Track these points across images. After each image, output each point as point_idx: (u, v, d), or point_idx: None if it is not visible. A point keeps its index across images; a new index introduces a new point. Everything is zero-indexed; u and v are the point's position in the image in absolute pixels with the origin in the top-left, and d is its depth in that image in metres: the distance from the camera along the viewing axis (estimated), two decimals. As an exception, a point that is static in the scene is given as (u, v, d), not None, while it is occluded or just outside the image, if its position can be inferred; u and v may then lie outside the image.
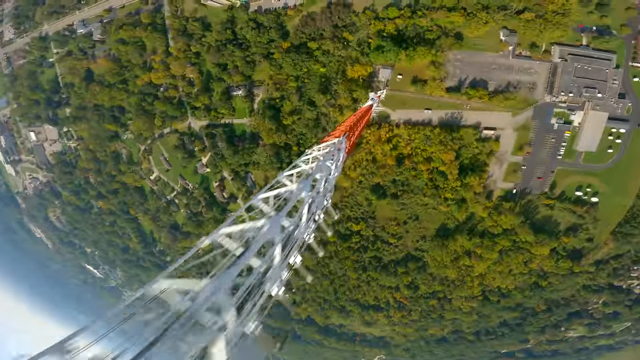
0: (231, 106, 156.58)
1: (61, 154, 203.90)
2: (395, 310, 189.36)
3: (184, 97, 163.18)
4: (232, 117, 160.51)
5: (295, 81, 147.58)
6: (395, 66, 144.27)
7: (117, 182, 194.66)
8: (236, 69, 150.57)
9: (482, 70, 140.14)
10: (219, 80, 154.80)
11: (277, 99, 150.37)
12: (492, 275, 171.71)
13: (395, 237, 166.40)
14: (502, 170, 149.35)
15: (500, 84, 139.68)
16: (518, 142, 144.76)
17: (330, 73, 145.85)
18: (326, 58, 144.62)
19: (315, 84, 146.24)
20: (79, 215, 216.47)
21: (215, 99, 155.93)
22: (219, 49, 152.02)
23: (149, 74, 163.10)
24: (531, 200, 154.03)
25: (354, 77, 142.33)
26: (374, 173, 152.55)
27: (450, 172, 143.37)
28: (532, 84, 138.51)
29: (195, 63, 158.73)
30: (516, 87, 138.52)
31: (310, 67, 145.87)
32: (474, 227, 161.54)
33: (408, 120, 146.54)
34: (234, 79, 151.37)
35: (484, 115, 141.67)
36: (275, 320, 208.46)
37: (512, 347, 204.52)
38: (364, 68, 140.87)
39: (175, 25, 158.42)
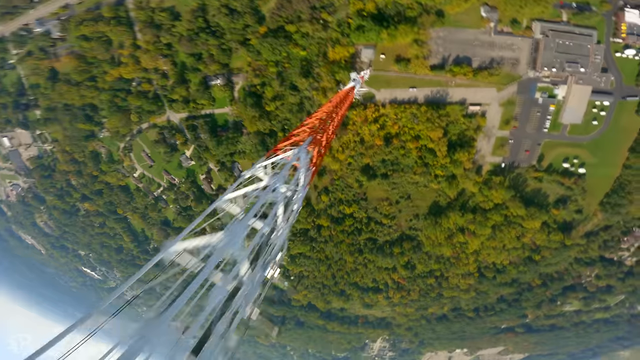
0: (210, 96, 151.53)
1: (38, 157, 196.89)
2: (394, 291, 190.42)
3: (159, 90, 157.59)
4: (213, 107, 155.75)
5: (275, 66, 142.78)
6: (377, 46, 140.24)
7: (99, 182, 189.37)
8: (212, 57, 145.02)
9: (465, 47, 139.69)
10: (194, 71, 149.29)
11: (257, 86, 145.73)
12: (487, 252, 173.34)
13: (388, 218, 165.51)
14: (490, 145, 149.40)
15: (483, 60, 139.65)
16: (504, 116, 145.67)
17: (311, 56, 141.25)
18: (306, 41, 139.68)
19: (296, 68, 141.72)
20: (67, 219, 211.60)
21: (193, 90, 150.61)
22: (191, 38, 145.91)
23: (118, 69, 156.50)
24: (520, 174, 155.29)
25: (336, 59, 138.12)
26: (363, 154, 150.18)
27: (439, 149, 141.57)
28: (515, 59, 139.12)
29: (168, 54, 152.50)
30: (499, 63, 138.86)
31: (290, 51, 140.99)
32: (465, 203, 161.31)
33: (394, 99, 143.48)
34: (211, 68, 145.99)
35: (469, 91, 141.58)
36: (277, 309, 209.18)
37: (511, 323, 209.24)
38: (346, 49, 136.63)
39: (141, 17, 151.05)
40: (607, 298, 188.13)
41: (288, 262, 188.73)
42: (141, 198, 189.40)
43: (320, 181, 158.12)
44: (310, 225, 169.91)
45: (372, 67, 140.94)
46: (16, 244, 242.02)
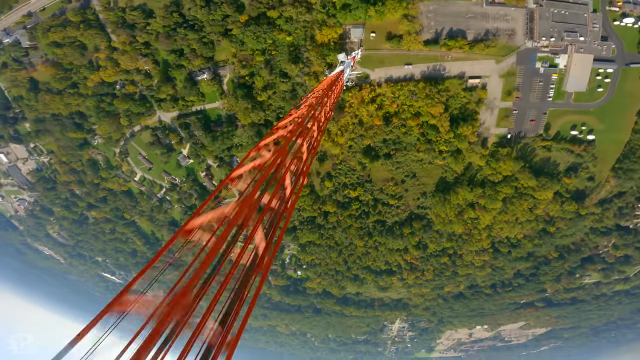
0: (199, 92, 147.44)
1: (37, 171, 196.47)
2: (408, 273, 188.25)
3: (144, 91, 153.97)
4: (203, 102, 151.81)
5: (262, 55, 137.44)
6: (366, 24, 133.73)
7: (102, 189, 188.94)
8: (194, 52, 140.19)
9: (458, 20, 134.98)
10: (178, 68, 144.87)
11: (246, 77, 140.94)
12: (500, 226, 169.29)
13: (395, 198, 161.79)
14: (494, 116, 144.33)
15: (478, 33, 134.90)
16: (506, 88, 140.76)
17: (298, 41, 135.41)
18: (290, 25, 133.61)
19: (284, 54, 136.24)
20: (78, 228, 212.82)
21: (179, 87, 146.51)
22: (169, 35, 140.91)
23: (97, 73, 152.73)
24: (527, 144, 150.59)
25: (325, 41, 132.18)
26: (363, 135, 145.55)
27: (442, 124, 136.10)
28: (511, 30, 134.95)
29: (147, 54, 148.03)
30: (495, 34, 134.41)
31: (275, 38, 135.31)
32: (473, 177, 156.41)
33: (389, 78, 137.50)
34: (194, 63, 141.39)
35: (467, 64, 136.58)
36: (294, 298, 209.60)
37: (530, 297, 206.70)
38: (333, 30, 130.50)
39: (111, 19, 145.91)
40: (626, 269, 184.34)
41: (299, 252, 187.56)
42: (145, 201, 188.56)
43: (322, 167, 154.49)
44: (316, 213, 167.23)
45: (363, 46, 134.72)
46: (35, 256, 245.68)
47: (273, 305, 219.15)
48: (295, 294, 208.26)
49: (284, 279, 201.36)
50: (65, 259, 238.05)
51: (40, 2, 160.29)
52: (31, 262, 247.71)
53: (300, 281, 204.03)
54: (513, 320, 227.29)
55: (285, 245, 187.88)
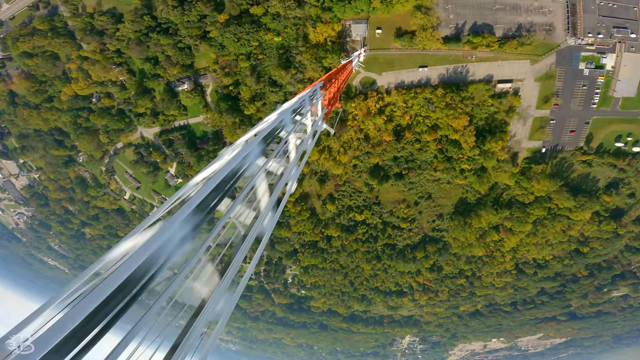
0: (179, 105, 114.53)
1: (30, 187, 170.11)
2: (420, 294, 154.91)
3: (121, 104, 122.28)
4: (186, 117, 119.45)
5: (247, 60, 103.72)
6: (370, 19, 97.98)
7: (93, 207, 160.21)
8: (169, 60, 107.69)
9: (483, 13, 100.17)
10: (154, 78, 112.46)
11: (230, 86, 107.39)
12: (526, 248, 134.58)
13: (407, 221, 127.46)
14: (527, 128, 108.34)
15: (509, 28, 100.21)
16: (542, 93, 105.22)
17: (289, 41, 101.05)
18: (278, 24, 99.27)
19: (272, 58, 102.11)
20: (76, 243, 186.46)
21: (158, 100, 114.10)
22: (140, 40, 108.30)
23: (70, 86, 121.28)
24: (565, 158, 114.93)
25: (320, 41, 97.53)
26: (370, 153, 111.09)
27: (465, 140, 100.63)
28: (549, 25, 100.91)
29: (121, 63, 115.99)
30: (529, 30, 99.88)
31: (262, 39, 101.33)
32: (499, 198, 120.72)
33: (400, 83, 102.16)
34: (170, 72, 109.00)
35: (495, 66, 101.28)
36: (298, 315, 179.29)
37: (553, 313, 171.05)
38: (330, 27, 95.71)
39: (79, 25, 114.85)
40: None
41: (301, 273, 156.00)
42: (138, 220, 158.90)
43: (323, 188, 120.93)
44: (318, 237, 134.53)
45: (367, 46, 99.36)
46: (41, 266, 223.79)
47: (277, 320, 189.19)
48: (300, 311, 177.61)
49: (287, 298, 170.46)
50: (69, 270, 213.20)
51: (10, 10, 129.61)
52: (38, 271, 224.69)
53: (305, 299, 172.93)
54: (532, 333, 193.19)
55: (287, 266, 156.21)
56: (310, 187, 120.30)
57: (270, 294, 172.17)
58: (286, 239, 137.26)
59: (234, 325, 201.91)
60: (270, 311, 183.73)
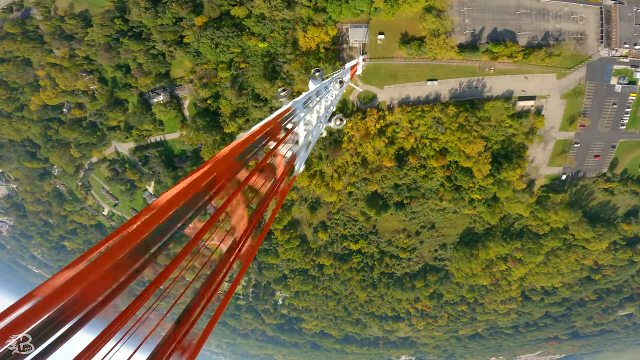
0: (154, 119, 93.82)
1: (9, 197, 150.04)
2: (417, 319, 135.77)
3: (93, 116, 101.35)
4: (162, 132, 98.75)
5: (228, 69, 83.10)
6: (371, 22, 77.35)
7: (70, 222, 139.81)
8: (140, 68, 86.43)
9: (504, 18, 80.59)
10: (125, 88, 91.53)
11: (208, 100, 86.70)
12: (535, 277, 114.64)
13: (406, 251, 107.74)
14: (547, 152, 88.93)
15: (534, 36, 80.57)
16: (568, 112, 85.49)
17: (275, 48, 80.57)
18: (263, 27, 78.97)
19: (256, 68, 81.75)
20: (57, 254, 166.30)
21: (130, 112, 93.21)
22: (110, 46, 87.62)
23: (38, 94, 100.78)
24: (585, 186, 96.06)
25: (311, 48, 77.12)
26: (368, 180, 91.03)
27: (479, 168, 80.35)
28: (580, 33, 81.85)
29: (92, 70, 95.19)
30: (558, 38, 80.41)
31: (244, 45, 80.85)
32: (509, 227, 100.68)
33: (405, 99, 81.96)
34: (142, 82, 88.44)
35: (516, 80, 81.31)
36: (290, 335, 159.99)
37: (555, 333, 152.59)
38: (323, 31, 75.50)
39: (48, 29, 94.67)
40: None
41: (291, 297, 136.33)
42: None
43: (314, 216, 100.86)
44: (309, 265, 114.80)
45: (367, 54, 79.03)
46: (26, 274, 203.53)
47: (268, 338, 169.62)
48: (291, 332, 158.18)
49: (277, 319, 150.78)
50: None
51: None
52: (23, 277, 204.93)
53: (296, 320, 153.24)
54: (531, 352, 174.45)
55: (277, 290, 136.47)
56: (300, 213, 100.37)
57: (260, 314, 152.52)
58: (274, 266, 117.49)
59: (224, 340, 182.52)
60: (260, 329, 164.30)
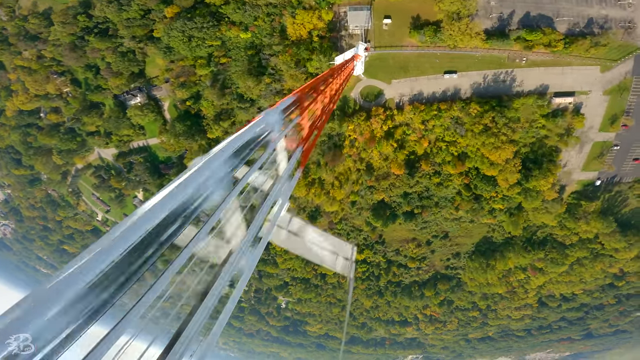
0: (130, 123, 79.11)
1: (6, 202, 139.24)
2: (426, 324, 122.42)
3: (70, 121, 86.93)
4: (144, 137, 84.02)
5: (207, 65, 66.95)
6: (374, 3, 60.19)
7: (66, 227, 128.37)
8: (109, 68, 70.97)
9: (539, 1, 63.91)
10: (97, 90, 76.44)
11: (188, 101, 71.16)
12: (555, 286, 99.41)
13: (415, 260, 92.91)
14: (582, 156, 72.68)
15: (575, 23, 63.54)
16: (610, 111, 68.72)
17: (260, 38, 64.31)
18: (244, 14, 62.57)
19: (240, 62, 65.78)
20: (59, 257, 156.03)
21: (106, 116, 78.46)
22: (75, 45, 72.29)
23: (12, 99, 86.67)
24: (620, 192, 77.96)
25: (302, 36, 60.63)
26: (373, 188, 75.72)
27: (505, 178, 63.69)
28: (629, 21, 65.22)
29: (63, 72, 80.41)
30: (603, 26, 63.77)
31: (224, 37, 64.57)
32: (532, 236, 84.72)
33: (417, 95, 65.39)
34: (112, 83, 72.92)
35: (552, 73, 63.98)
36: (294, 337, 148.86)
37: (568, 335, 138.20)
38: (316, 15, 58.38)
39: (13, 29, 79.75)
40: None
41: (294, 302, 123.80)
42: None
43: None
44: (310, 275, 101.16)
45: (370, 42, 62.14)
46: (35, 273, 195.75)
47: (273, 338, 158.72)
48: (296, 333, 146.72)
49: (281, 321, 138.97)
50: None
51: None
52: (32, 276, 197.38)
53: (300, 322, 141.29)
54: (541, 350, 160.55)
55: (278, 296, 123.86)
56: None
57: (263, 316, 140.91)
58: (274, 274, 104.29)
59: (230, 338, 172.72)
60: (264, 330, 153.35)
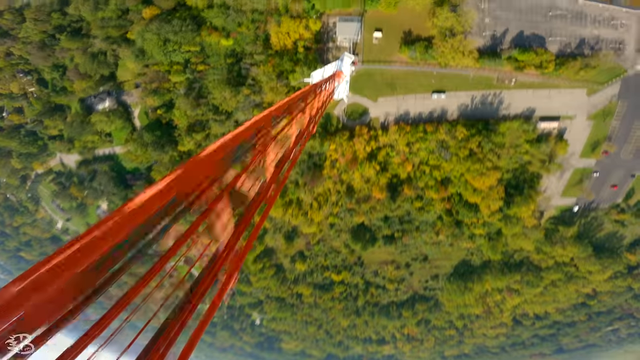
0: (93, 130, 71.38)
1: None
2: (403, 343, 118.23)
3: (31, 123, 78.10)
4: (110, 144, 76.24)
5: (183, 72, 60.98)
6: (366, 15, 56.55)
7: (24, 234, 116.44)
8: (76, 69, 63.73)
9: (534, 20, 62.77)
10: (62, 92, 68.65)
11: (159, 109, 64.62)
12: (530, 306, 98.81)
13: (394, 282, 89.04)
14: (562, 182, 72.82)
15: (567, 43, 62.68)
16: (593, 136, 68.07)
17: (242, 45, 59.00)
18: (227, 19, 57.34)
19: (218, 71, 60.05)
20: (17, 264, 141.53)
21: (69, 120, 70.50)
22: (44, 43, 64.79)
23: None
24: (596, 217, 77.67)
25: (287, 47, 56.15)
26: (353, 210, 71.20)
27: (488, 205, 60.93)
28: (620, 42, 64.88)
29: (30, 71, 72.05)
30: (594, 47, 63.12)
31: (204, 42, 58.98)
32: (509, 259, 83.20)
33: (403, 115, 62.22)
34: (77, 86, 65.71)
35: (540, 96, 62.42)
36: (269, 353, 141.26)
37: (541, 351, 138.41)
38: (303, 24, 54.01)
39: None
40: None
41: (268, 320, 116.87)
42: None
43: (290, 246, 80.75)
44: (286, 294, 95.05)
45: (358, 55, 58.42)
46: None
47: (247, 354, 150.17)
48: (270, 350, 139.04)
49: (255, 337, 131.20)
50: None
51: None
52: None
53: (275, 339, 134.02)
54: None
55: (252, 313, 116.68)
56: (276, 242, 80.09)
57: (237, 332, 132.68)
58: (248, 293, 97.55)
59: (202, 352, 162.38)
60: (238, 345, 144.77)
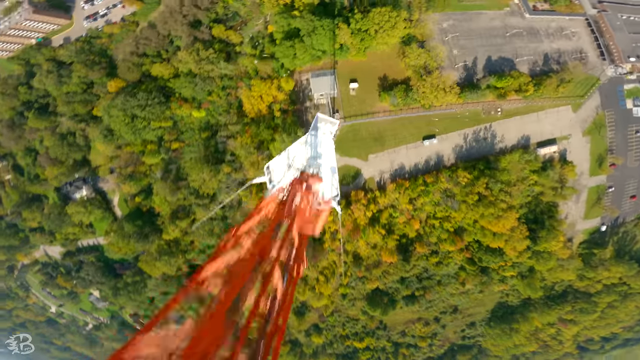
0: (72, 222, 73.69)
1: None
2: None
3: (10, 214, 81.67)
4: (93, 235, 78.59)
5: (157, 152, 62.95)
6: (337, 66, 57.39)
7: (17, 316, 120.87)
8: (47, 154, 66.83)
9: (495, 43, 65.30)
10: (36, 181, 71.85)
11: (137, 197, 66.33)
12: (592, 331, 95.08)
13: (426, 339, 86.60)
14: (581, 204, 74.04)
15: (534, 61, 65.16)
16: (595, 152, 68.72)
17: (215, 116, 60.54)
18: (195, 88, 59.33)
19: (194, 147, 61.44)
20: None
21: (47, 212, 73.32)
22: (14, 122, 68.53)
23: None
24: (627, 231, 79.29)
25: (261, 111, 57.17)
26: (366, 278, 70.38)
27: (514, 247, 59.44)
28: (580, 51, 68.16)
29: (5, 155, 76.00)
30: (559, 60, 65.80)
31: (176, 116, 60.77)
32: (550, 291, 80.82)
33: (398, 170, 62.13)
34: (49, 172, 68.63)
35: (529, 121, 63.24)
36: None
37: None
38: (275, 85, 55.49)
39: None
40: None
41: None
42: (73, 334, 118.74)
43: (303, 321, 79.94)
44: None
45: (338, 113, 58.96)
46: None
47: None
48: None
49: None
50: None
51: None
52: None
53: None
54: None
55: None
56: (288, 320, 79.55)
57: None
58: None
59: None
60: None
